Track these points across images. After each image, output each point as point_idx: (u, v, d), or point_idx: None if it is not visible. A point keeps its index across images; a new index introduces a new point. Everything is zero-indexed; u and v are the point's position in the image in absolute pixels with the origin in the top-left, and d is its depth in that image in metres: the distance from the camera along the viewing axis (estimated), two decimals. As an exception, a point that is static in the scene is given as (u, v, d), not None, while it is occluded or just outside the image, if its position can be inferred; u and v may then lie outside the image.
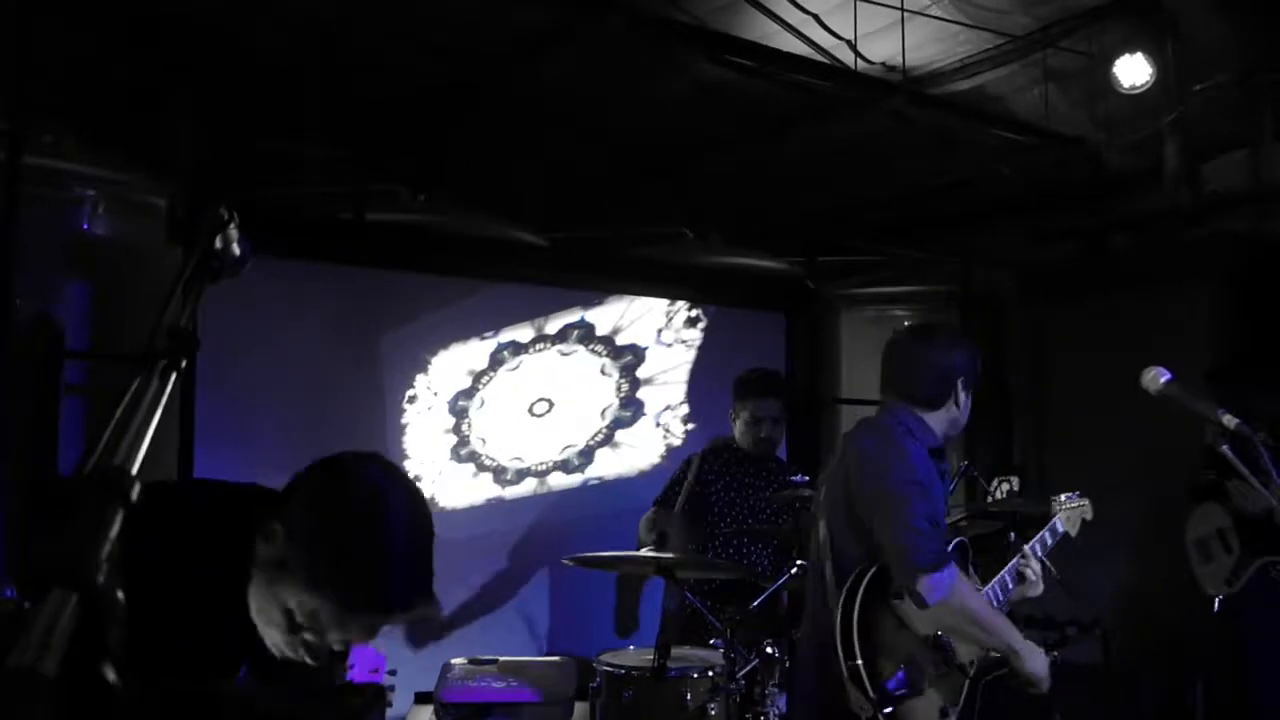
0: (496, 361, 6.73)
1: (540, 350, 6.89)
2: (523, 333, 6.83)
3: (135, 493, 1.01)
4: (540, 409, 6.84)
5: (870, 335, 7.70)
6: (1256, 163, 5.52)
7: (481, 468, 6.62)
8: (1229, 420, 2.46)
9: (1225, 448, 2.52)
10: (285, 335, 5.84)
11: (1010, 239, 6.63)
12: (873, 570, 3.06)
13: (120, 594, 0.95)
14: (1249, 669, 4.63)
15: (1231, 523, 4.69)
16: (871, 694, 2.89)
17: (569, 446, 6.90)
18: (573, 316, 7.02)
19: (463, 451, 6.58)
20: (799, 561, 4.36)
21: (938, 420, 3.32)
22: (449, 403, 6.56)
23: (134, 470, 1.04)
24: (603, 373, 7.08)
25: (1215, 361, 4.91)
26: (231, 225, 1.35)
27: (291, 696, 1.75)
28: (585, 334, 7.05)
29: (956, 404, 3.34)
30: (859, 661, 2.91)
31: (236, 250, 1.35)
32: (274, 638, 1.78)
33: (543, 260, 6.73)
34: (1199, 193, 5.45)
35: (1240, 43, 4.82)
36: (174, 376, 1.15)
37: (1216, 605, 4.68)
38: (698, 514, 5.11)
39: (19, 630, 0.89)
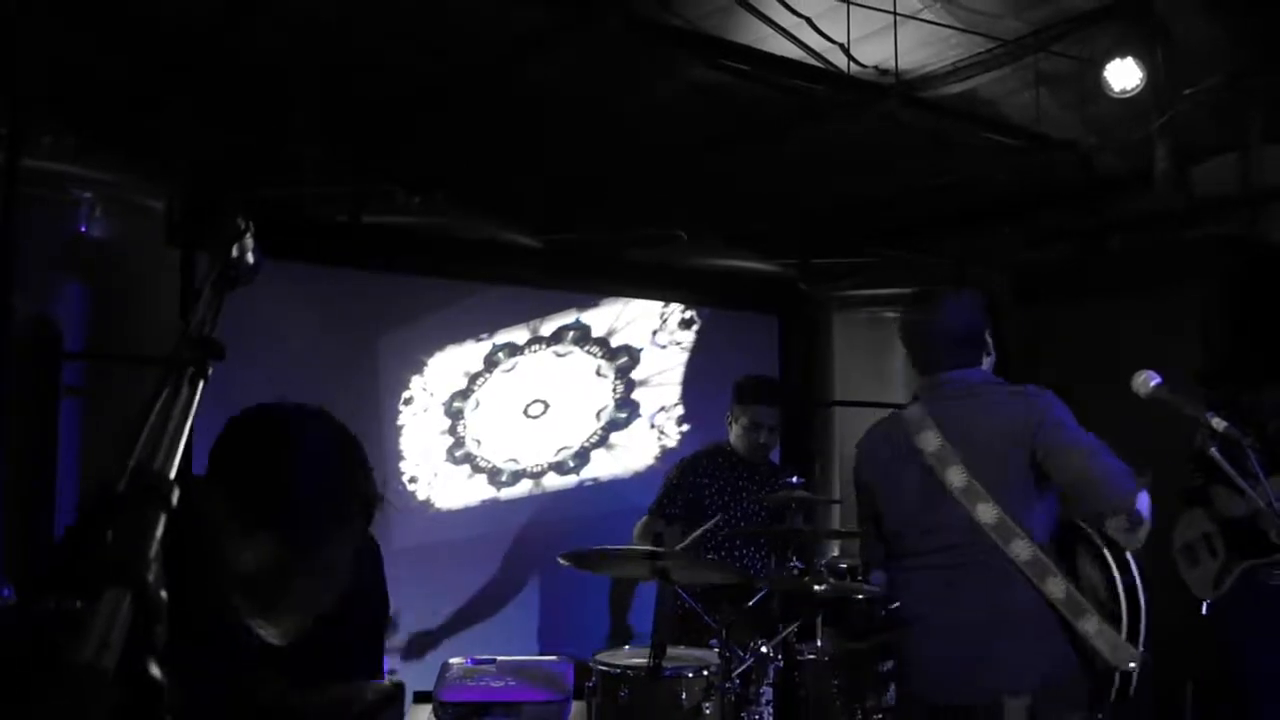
0: (492, 363, 6.75)
1: (535, 351, 6.91)
2: (518, 334, 6.85)
3: (175, 496, 1.06)
4: (535, 410, 6.86)
5: (864, 337, 7.74)
6: (1246, 166, 5.57)
7: (477, 469, 6.64)
8: (1218, 423, 2.50)
9: (1214, 450, 2.55)
10: (281, 336, 5.86)
11: (1003, 241, 6.67)
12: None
13: (164, 593, 1.00)
14: (1236, 670, 4.67)
15: (1216, 528, 4.73)
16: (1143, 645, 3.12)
17: (564, 448, 6.92)
18: (568, 318, 7.04)
19: (458, 453, 6.60)
20: (794, 563, 4.38)
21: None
22: (445, 404, 6.58)
23: (171, 475, 1.09)
24: (598, 374, 7.11)
25: (1206, 363, 4.94)
26: (248, 235, 1.39)
27: (316, 691, 1.79)
28: (581, 335, 7.07)
29: (989, 352, 3.53)
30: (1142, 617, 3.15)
31: (251, 259, 1.40)
32: None
33: (538, 262, 6.75)
34: (1190, 195, 5.49)
35: (1229, 46, 4.86)
36: (202, 384, 1.19)
37: (1205, 609, 4.72)
38: (692, 516, 5.13)
39: (79, 629, 0.94)
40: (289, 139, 5.31)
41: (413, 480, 6.41)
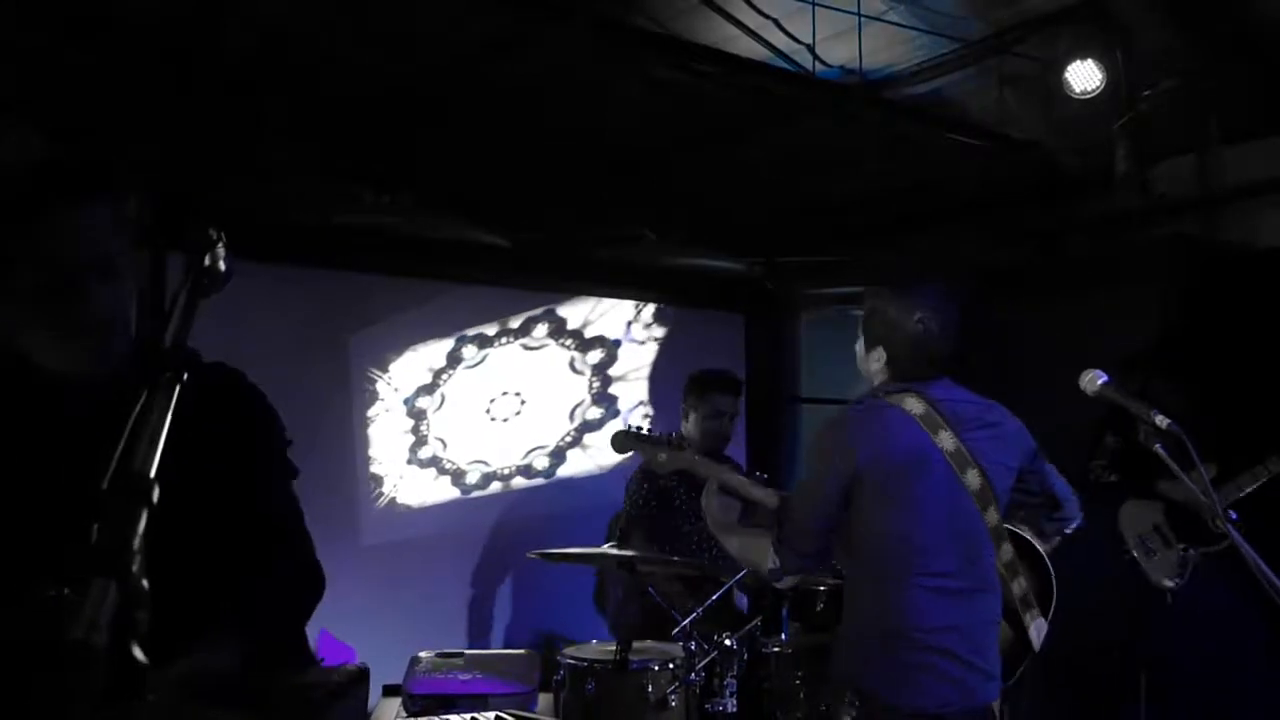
0: (457, 359, 6.76)
1: (504, 344, 6.92)
2: (488, 329, 6.87)
3: (155, 494, 1.16)
4: (509, 408, 6.87)
5: (829, 335, 7.80)
6: (1204, 166, 5.66)
7: (442, 471, 6.63)
8: (1161, 420, 2.56)
9: (1158, 446, 2.61)
10: (250, 338, 5.83)
11: (966, 240, 6.74)
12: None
13: (145, 583, 1.09)
14: (1187, 657, 4.78)
15: (1164, 518, 4.85)
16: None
17: (539, 448, 6.94)
18: (539, 310, 7.07)
19: (422, 451, 6.60)
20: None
21: None
22: (414, 403, 6.58)
23: (151, 474, 1.18)
24: (573, 368, 7.13)
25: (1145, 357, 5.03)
26: (220, 244, 1.45)
27: (282, 676, 1.84)
28: (555, 328, 7.09)
29: None
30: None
31: (223, 266, 1.46)
32: None
33: (507, 261, 6.76)
34: (1149, 196, 5.57)
35: (1184, 48, 4.94)
36: (177, 389, 1.27)
37: (1169, 598, 4.80)
38: (662, 513, 5.16)
39: (70, 613, 1.04)
40: (258, 140, 5.31)
41: (381, 477, 6.43)
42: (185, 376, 1.29)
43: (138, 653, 1.08)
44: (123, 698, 1.06)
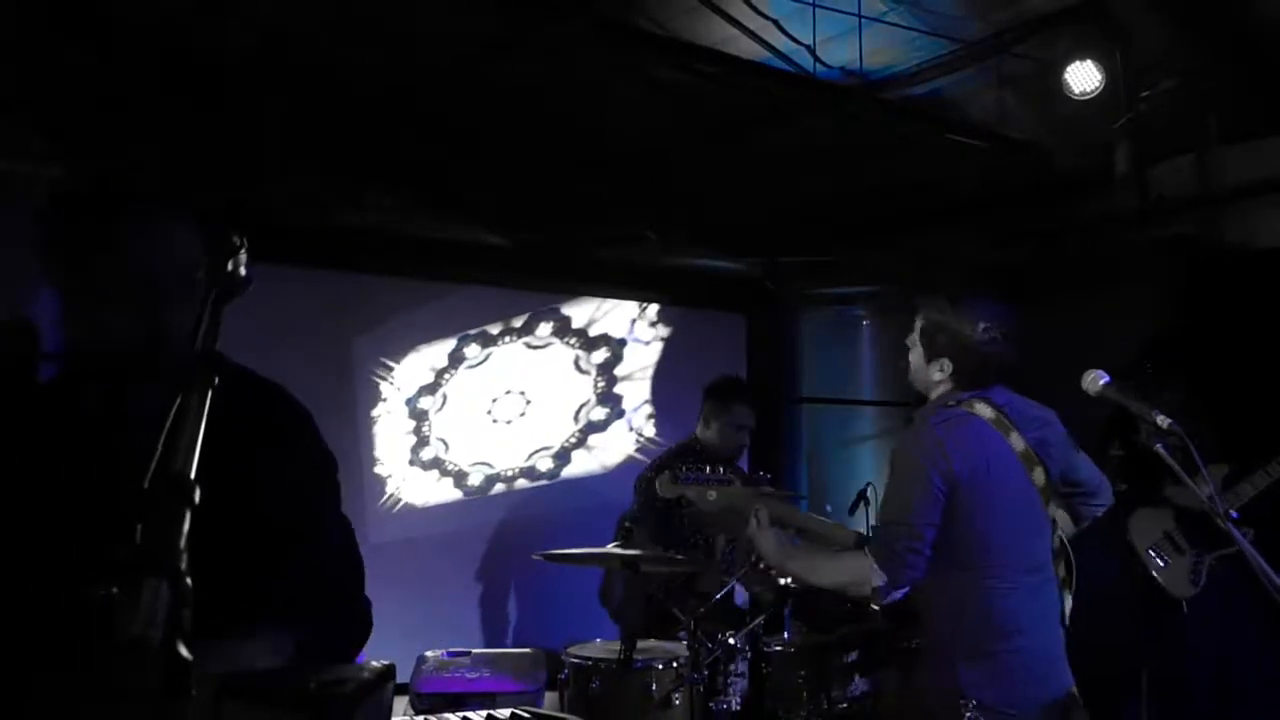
0: (459, 359, 6.76)
1: (508, 343, 6.92)
2: (492, 329, 6.87)
3: (196, 495, 1.19)
4: (515, 405, 6.87)
5: (830, 335, 7.81)
6: (1203, 167, 5.68)
7: (445, 473, 6.64)
8: (1163, 421, 2.57)
9: (1159, 447, 2.62)
10: (252, 339, 5.81)
11: (966, 240, 6.74)
12: None
13: (189, 581, 1.11)
14: (1189, 656, 4.80)
15: (1175, 525, 4.87)
16: None
17: (544, 449, 6.94)
18: (543, 309, 7.07)
19: (424, 451, 6.61)
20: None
21: None
22: (416, 403, 6.59)
23: (192, 475, 1.21)
24: (578, 367, 7.13)
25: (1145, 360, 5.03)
26: (242, 250, 1.47)
27: (315, 671, 1.85)
28: (559, 326, 7.09)
29: None
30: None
31: (244, 272, 1.47)
32: None
33: (508, 262, 6.77)
34: (1148, 196, 5.58)
35: (1187, 48, 4.96)
36: (210, 393, 1.30)
37: (1185, 606, 4.80)
38: (673, 512, 5.16)
39: (123, 612, 1.08)
40: (258, 140, 5.31)
41: (385, 478, 6.44)
42: (216, 381, 1.31)
43: (183, 650, 1.10)
44: (170, 694, 1.08)
